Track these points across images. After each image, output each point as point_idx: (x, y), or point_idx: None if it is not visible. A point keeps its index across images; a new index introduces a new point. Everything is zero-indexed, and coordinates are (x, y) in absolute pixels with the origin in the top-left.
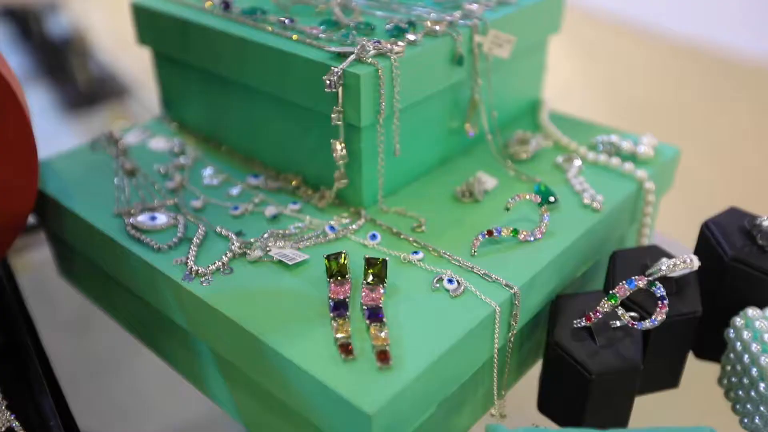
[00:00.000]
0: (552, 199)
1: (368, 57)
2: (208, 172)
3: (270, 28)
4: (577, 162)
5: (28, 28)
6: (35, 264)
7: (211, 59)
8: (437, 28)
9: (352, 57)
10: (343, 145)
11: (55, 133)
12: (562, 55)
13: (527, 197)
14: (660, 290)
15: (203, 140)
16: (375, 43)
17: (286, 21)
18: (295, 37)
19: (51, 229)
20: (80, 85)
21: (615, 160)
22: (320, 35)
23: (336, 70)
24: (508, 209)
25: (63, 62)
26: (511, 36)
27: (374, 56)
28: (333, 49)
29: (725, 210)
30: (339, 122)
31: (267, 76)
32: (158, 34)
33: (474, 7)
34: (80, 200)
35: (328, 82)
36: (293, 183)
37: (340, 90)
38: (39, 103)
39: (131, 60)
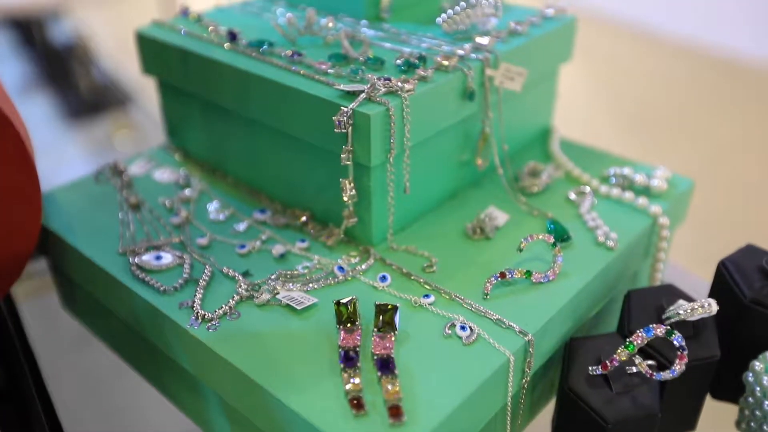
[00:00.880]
0: (566, 237)
1: (378, 95)
2: (213, 206)
3: (277, 62)
4: (590, 196)
5: (30, 35)
6: (38, 290)
7: (216, 92)
8: (448, 63)
9: (362, 96)
10: (352, 184)
11: (57, 142)
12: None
13: (540, 238)
14: (679, 340)
15: (209, 171)
16: (385, 80)
17: (294, 55)
18: (303, 72)
19: (54, 262)
20: (83, 92)
21: (628, 195)
22: (329, 71)
23: (346, 110)
24: (520, 250)
25: (66, 70)
26: (523, 69)
27: (384, 94)
28: (342, 87)
29: (742, 248)
30: (348, 162)
31: (274, 111)
32: (163, 65)
33: (485, 40)
34: (84, 236)
35: (337, 122)
36: (301, 219)
37: (349, 129)
38: (41, 111)
39: (134, 67)
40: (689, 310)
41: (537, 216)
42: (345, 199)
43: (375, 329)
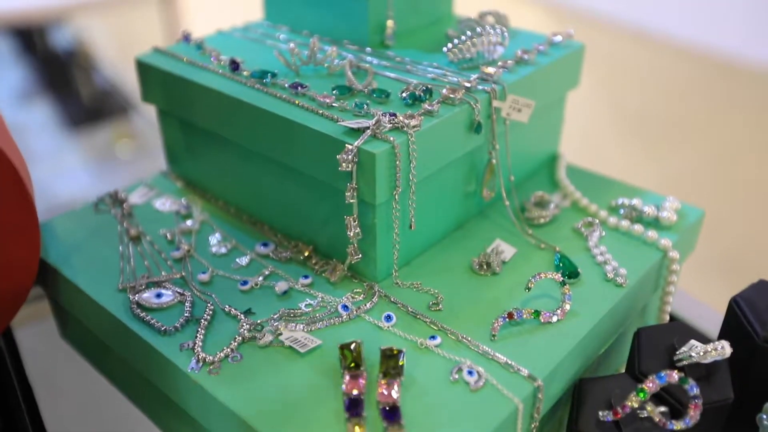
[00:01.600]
0: (574, 273)
1: (383, 132)
2: (215, 239)
3: (280, 95)
4: (598, 228)
5: (32, 42)
6: (36, 314)
7: (217, 123)
8: (454, 95)
9: (367, 133)
10: (357, 221)
11: (58, 149)
12: None
13: (548, 276)
14: (693, 388)
15: (210, 200)
16: (390, 116)
17: (298, 87)
18: (306, 105)
19: (52, 295)
20: (84, 99)
21: (637, 227)
22: (333, 104)
23: (350, 147)
24: (528, 289)
25: (67, 76)
26: (530, 101)
27: (390, 130)
28: (347, 123)
29: (754, 284)
30: (353, 200)
31: (277, 145)
32: (163, 94)
33: (491, 70)
34: (83, 270)
35: (342, 162)
36: (304, 253)
37: (354, 167)
38: (42, 118)
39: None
40: (702, 353)
41: (545, 249)
42: (349, 236)
43: (380, 375)
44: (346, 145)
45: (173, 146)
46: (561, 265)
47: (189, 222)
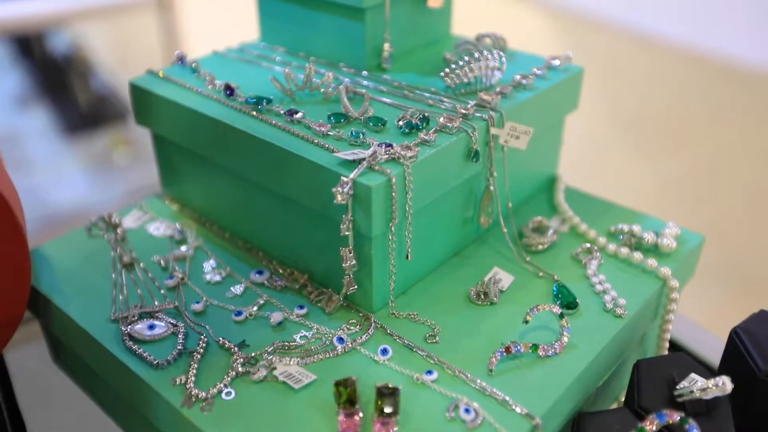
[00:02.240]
0: (572, 304)
1: (379, 164)
2: (209, 266)
3: (275, 122)
4: (597, 256)
5: (29, 47)
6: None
7: (212, 149)
8: (451, 124)
9: (363, 165)
10: (352, 253)
11: (55, 156)
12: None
13: (546, 309)
14: (693, 429)
15: (204, 224)
16: (387, 147)
17: (293, 114)
18: (301, 134)
19: (43, 322)
20: (81, 105)
21: (637, 255)
22: (328, 132)
23: (346, 180)
24: (527, 322)
25: (64, 82)
26: (529, 128)
27: (386, 161)
28: (342, 155)
29: (754, 314)
30: (348, 232)
31: (271, 173)
32: (157, 118)
33: (489, 96)
34: (74, 298)
35: (338, 194)
36: (300, 282)
37: (349, 200)
38: (39, 124)
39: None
40: (702, 390)
41: (543, 278)
42: (345, 267)
43: (376, 413)
44: (342, 177)
45: (167, 169)
46: (559, 295)
47: (183, 248)
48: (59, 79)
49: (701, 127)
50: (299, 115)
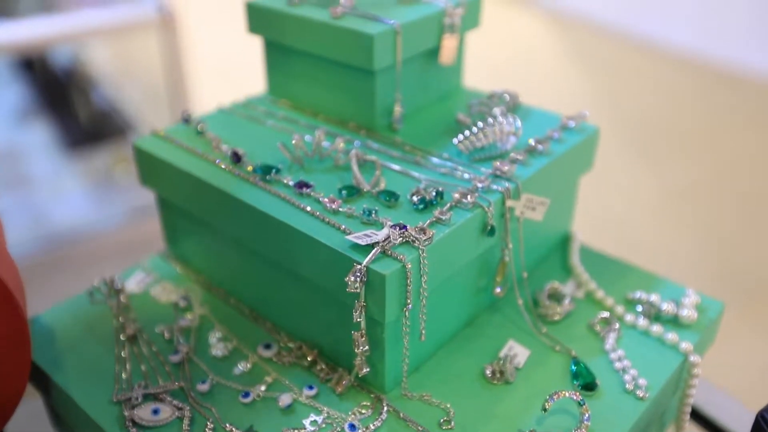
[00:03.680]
0: (592, 385)
1: (393, 248)
2: (215, 338)
3: (284, 195)
4: (615, 327)
5: (30, 60)
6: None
7: (217, 218)
8: (467, 200)
9: (377, 250)
10: (364, 338)
11: (55, 172)
12: (567, 65)
13: (566, 395)
14: None
15: (209, 287)
16: (401, 229)
17: (303, 187)
18: (310, 209)
19: (44, 397)
20: (82, 121)
21: (656, 328)
22: (339, 209)
23: (359, 267)
24: (545, 410)
25: (65, 97)
26: (545, 199)
27: (400, 244)
28: (354, 238)
29: None
30: (360, 319)
31: (279, 249)
32: (162, 182)
33: (505, 166)
34: (75, 375)
35: (350, 282)
36: (309, 358)
37: (362, 286)
38: (40, 139)
39: (135, 94)
40: None
41: (560, 352)
42: (357, 352)
43: None
44: (354, 264)
45: (172, 230)
46: (578, 375)
47: (188, 316)
48: (60, 94)
49: (706, 135)
50: (309, 189)
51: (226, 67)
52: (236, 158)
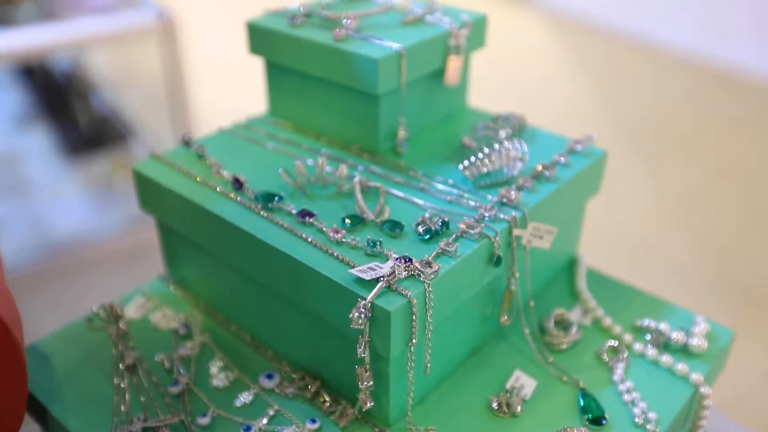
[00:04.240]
0: (601, 419)
1: (398, 282)
2: (216, 367)
3: (286, 225)
4: (623, 356)
5: (29, 66)
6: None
7: (218, 246)
8: (473, 231)
9: (381, 284)
10: (369, 373)
11: (54, 178)
12: (567, 68)
13: (575, 431)
14: None
15: (210, 313)
16: (406, 263)
17: (305, 216)
18: (312, 239)
19: (41, 428)
20: (82, 126)
21: (665, 358)
22: (343, 239)
23: (363, 303)
24: None
25: (65, 102)
26: (553, 227)
27: (405, 278)
28: (358, 272)
29: None
30: (365, 355)
31: (281, 280)
32: (161, 207)
33: (511, 193)
34: (74, 408)
35: (354, 319)
36: (311, 389)
37: (367, 321)
38: (39, 145)
39: (135, 99)
40: None
41: (567, 383)
42: (361, 387)
43: None
44: (359, 299)
45: (172, 254)
46: (586, 408)
47: (189, 344)
48: (60, 99)
49: (707, 138)
50: (312, 218)
51: (225, 74)
52: (238, 185)
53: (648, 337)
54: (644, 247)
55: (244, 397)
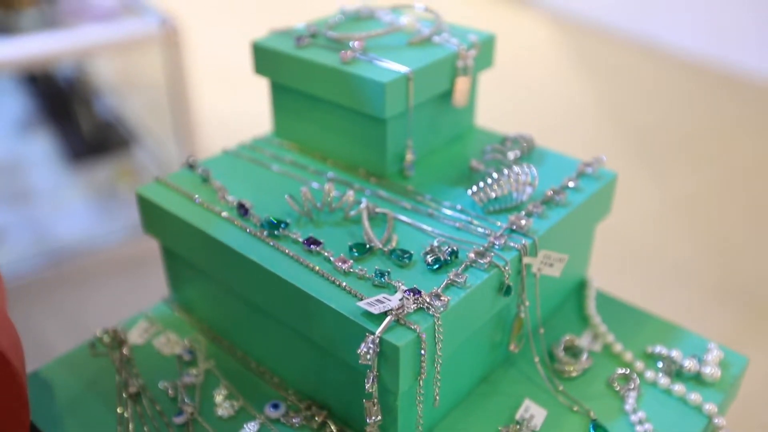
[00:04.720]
0: None
1: (407, 316)
2: (221, 395)
3: (292, 253)
4: (635, 385)
5: (32, 71)
6: None
7: (223, 273)
8: (483, 260)
9: (390, 318)
10: (377, 407)
11: (57, 185)
12: (568, 69)
13: None
14: None
15: (215, 338)
16: (416, 295)
17: (311, 245)
18: (319, 269)
19: None
20: (85, 132)
21: (678, 387)
22: (350, 269)
23: (372, 337)
24: None
25: (68, 108)
26: (563, 255)
27: (414, 311)
28: (366, 305)
29: None
30: (372, 390)
31: (287, 310)
32: (165, 231)
33: (521, 220)
34: None
35: (362, 354)
36: (318, 419)
37: (375, 356)
38: (42, 151)
39: (138, 105)
40: None
41: (578, 412)
42: (369, 422)
43: None
44: (367, 334)
45: (176, 278)
46: None
47: (193, 371)
48: (63, 105)
49: (711, 141)
50: (318, 247)
51: (228, 81)
52: (243, 210)
53: (660, 365)
54: (646, 251)
55: (250, 428)
